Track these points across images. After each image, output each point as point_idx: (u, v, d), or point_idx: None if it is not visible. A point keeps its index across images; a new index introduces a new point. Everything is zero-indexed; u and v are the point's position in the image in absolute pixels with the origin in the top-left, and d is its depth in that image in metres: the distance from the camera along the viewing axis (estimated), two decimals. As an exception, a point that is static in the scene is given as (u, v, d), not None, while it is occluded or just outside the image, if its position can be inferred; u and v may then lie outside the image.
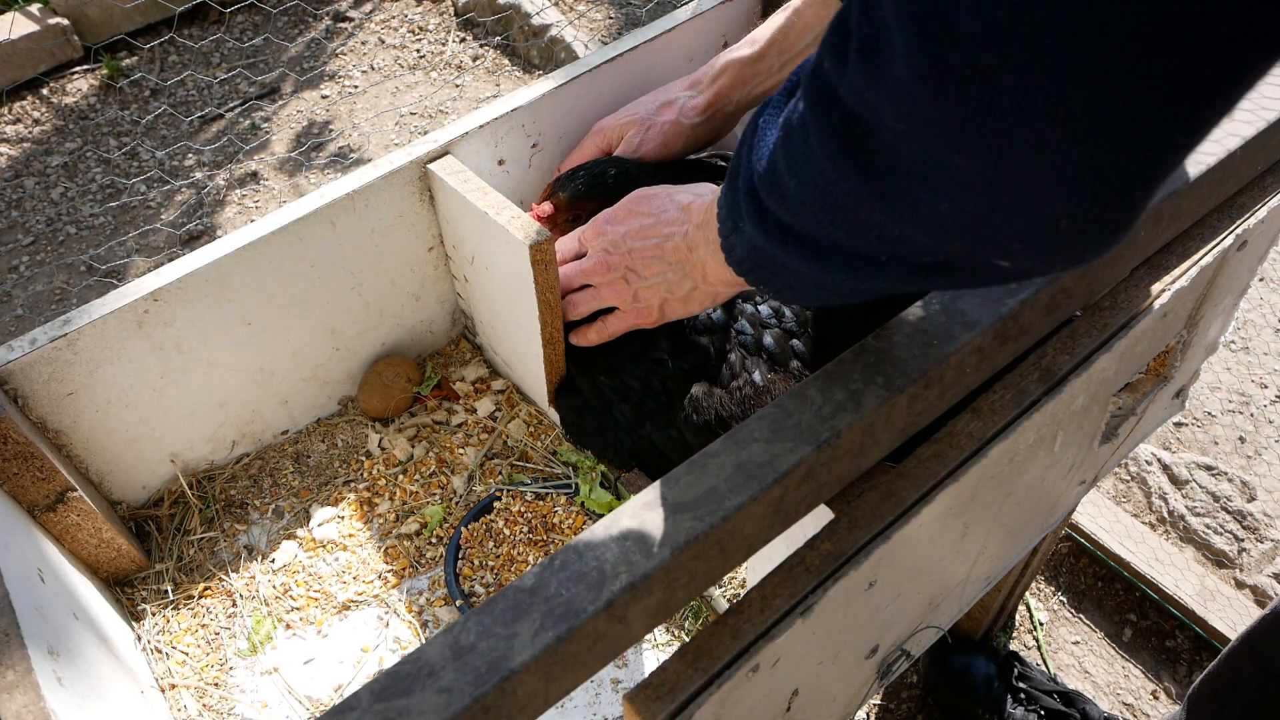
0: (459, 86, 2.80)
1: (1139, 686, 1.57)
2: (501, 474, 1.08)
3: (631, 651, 0.99)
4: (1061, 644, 1.62)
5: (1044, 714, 1.42)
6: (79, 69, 2.84)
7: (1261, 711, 1.13)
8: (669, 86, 1.01)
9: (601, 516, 0.92)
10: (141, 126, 2.68)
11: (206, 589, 1.00)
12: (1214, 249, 0.81)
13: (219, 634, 0.97)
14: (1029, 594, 1.67)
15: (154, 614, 0.97)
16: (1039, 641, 1.62)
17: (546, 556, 0.60)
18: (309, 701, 0.93)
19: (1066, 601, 1.67)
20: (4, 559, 0.74)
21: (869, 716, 1.54)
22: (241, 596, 0.99)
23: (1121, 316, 0.76)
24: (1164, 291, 0.78)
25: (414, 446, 1.10)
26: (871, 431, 0.60)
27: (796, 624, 0.59)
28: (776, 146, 0.49)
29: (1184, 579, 1.61)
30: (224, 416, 1.04)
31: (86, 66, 2.84)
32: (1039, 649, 1.61)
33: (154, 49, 2.91)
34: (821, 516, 0.67)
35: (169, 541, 1.02)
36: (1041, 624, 1.64)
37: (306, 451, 1.11)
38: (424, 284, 1.10)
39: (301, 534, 1.04)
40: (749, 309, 0.87)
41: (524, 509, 1.05)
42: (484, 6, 2.94)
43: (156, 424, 0.99)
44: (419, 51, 2.92)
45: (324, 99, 2.78)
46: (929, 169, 0.39)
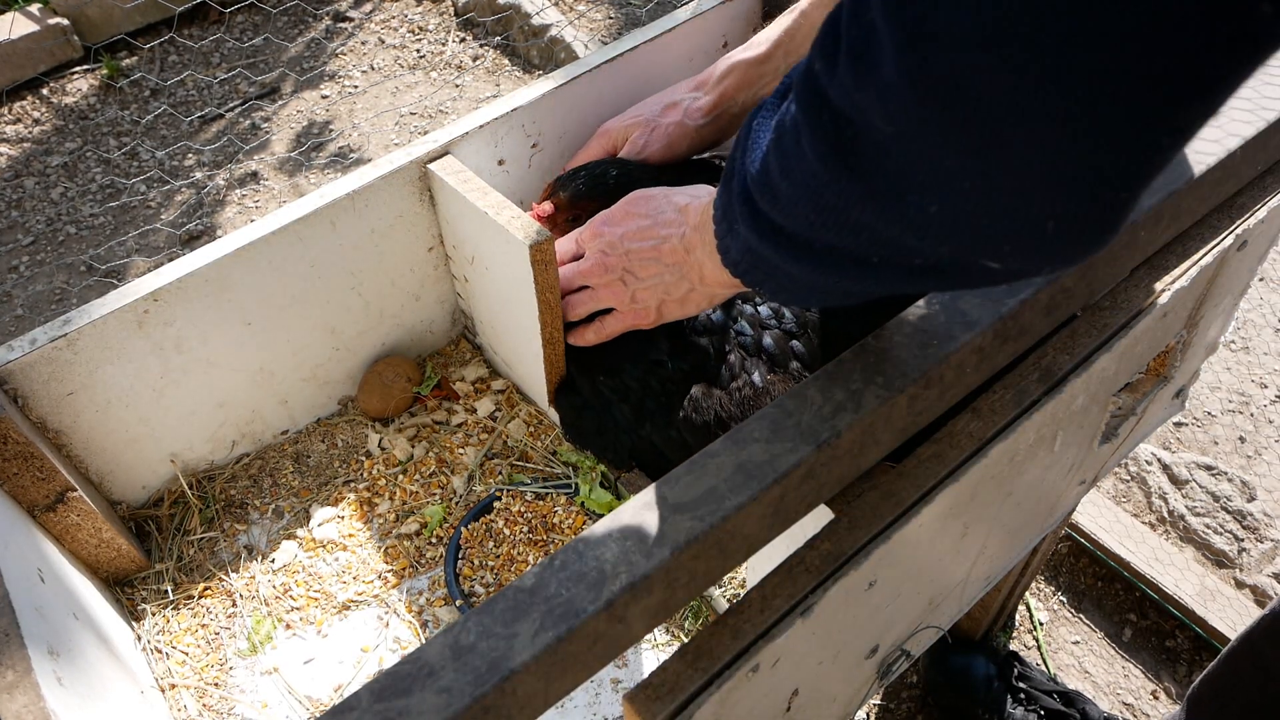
0: (459, 86, 2.80)
1: (1139, 686, 1.57)
2: (501, 474, 1.08)
3: (631, 651, 0.99)
4: (1061, 644, 1.62)
5: (1044, 714, 1.42)
6: (79, 69, 2.84)
7: (1261, 711, 1.13)
8: (674, 88, 1.01)
9: (601, 516, 0.92)
10: (141, 126, 2.68)
11: (206, 589, 1.00)
12: (1214, 249, 0.81)
13: (219, 634, 0.97)
14: (1029, 594, 1.67)
15: (154, 614, 0.97)
16: (1039, 641, 1.62)
17: (546, 556, 0.60)
18: (309, 701, 0.93)
19: (1066, 601, 1.67)
20: (4, 559, 0.74)
21: (869, 716, 1.54)
22: (241, 596, 0.99)
23: (1121, 316, 0.76)
24: (1164, 291, 0.78)
25: (414, 446, 1.10)
26: (871, 431, 0.60)
27: (796, 624, 0.59)
28: (769, 148, 0.49)
29: (1184, 579, 1.61)
30: (224, 416, 1.04)
31: (86, 66, 2.84)
32: (1039, 649, 1.61)
33: (154, 49, 2.91)
34: (821, 516, 0.67)
35: (169, 541, 1.02)
36: (1041, 624, 1.64)
37: (306, 451, 1.11)
38: (424, 284, 1.10)
39: (301, 534, 1.04)
40: (748, 310, 0.87)
41: (524, 509, 1.05)
42: (484, 6, 2.94)
43: (156, 424, 0.99)
44: (419, 51, 2.92)
45: (324, 99, 2.78)
46: (918, 171, 0.39)
